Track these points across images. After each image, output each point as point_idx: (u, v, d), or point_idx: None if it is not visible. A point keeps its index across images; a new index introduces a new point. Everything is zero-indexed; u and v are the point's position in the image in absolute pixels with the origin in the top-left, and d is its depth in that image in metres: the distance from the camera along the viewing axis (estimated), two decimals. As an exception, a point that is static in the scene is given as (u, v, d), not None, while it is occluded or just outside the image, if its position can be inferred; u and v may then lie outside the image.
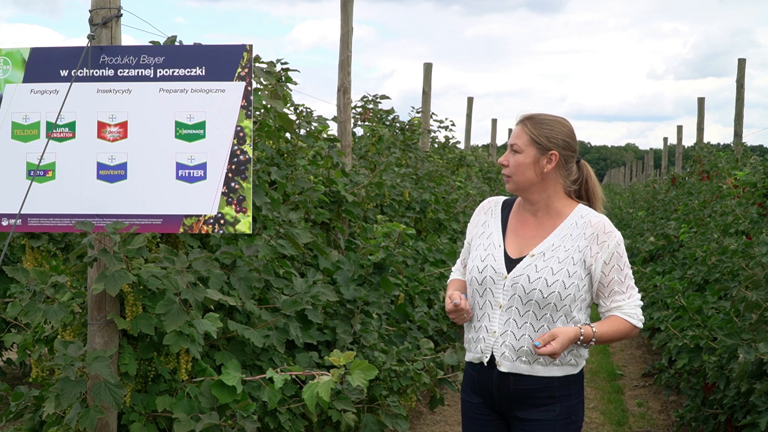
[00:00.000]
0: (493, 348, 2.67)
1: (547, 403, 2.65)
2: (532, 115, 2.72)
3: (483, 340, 2.70)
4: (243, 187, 2.97)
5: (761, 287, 3.91)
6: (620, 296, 2.67)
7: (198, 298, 2.93)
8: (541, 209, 2.74)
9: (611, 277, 2.65)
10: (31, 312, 2.95)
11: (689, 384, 4.87)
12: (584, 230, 2.66)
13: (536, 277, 2.62)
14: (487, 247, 2.75)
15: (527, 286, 2.62)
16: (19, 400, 3.18)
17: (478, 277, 2.72)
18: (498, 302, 2.67)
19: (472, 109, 13.68)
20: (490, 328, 2.68)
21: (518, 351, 2.64)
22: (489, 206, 2.87)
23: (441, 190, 7.94)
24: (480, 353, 2.71)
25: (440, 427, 5.82)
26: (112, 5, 2.95)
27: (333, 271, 4.52)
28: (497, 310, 2.67)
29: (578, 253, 2.64)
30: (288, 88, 4.22)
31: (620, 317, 2.66)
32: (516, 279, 2.65)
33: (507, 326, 2.65)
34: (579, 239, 2.66)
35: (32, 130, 2.99)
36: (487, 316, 2.69)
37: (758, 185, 5.97)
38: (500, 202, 2.87)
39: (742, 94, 9.68)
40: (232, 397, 3.02)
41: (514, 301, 2.64)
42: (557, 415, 2.66)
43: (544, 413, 2.65)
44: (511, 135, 2.77)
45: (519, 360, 2.64)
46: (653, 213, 11.20)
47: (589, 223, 2.67)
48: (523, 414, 2.68)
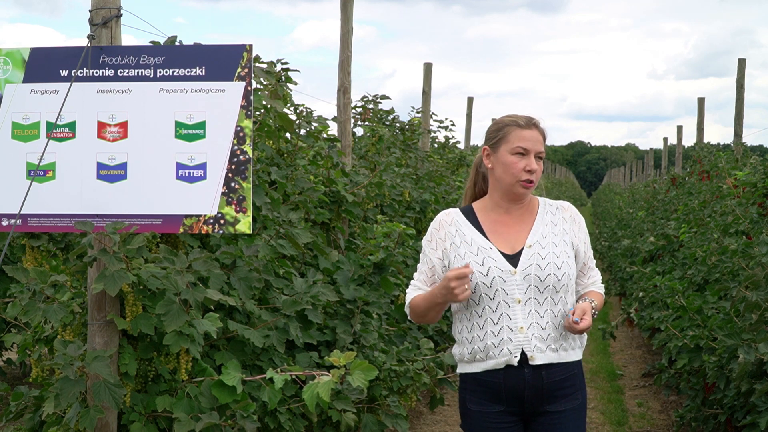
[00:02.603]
0: (523, 344, 2.66)
1: (572, 392, 2.74)
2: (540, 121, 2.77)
3: (509, 340, 2.66)
4: (243, 187, 2.97)
5: (761, 287, 3.91)
6: (593, 272, 2.87)
7: (198, 298, 2.93)
8: (521, 206, 2.79)
9: (588, 255, 2.84)
10: (31, 312, 2.95)
11: (689, 384, 4.87)
12: (561, 215, 2.81)
13: (545, 263, 2.68)
14: (477, 252, 2.72)
15: (541, 274, 2.67)
16: (19, 400, 3.18)
17: (485, 280, 2.67)
18: (515, 298, 2.67)
19: (472, 109, 13.67)
20: (514, 325, 2.66)
21: (546, 340, 2.68)
22: (450, 218, 2.81)
23: (441, 190, 7.94)
24: (508, 354, 2.66)
25: (440, 427, 5.82)
26: (112, 5, 2.95)
27: (333, 271, 4.52)
28: (516, 305, 2.67)
29: (566, 235, 2.78)
30: (288, 88, 4.22)
31: (598, 291, 2.85)
32: (527, 270, 2.67)
33: (531, 318, 2.67)
34: (561, 224, 2.79)
35: (32, 130, 3.00)
36: (506, 315, 2.67)
37: (758, 185, 5.96)
38: (458, 211, 2.83)
39: (742, 94, 9.68)
40: (232, 397, 3.02)
41: (531, 292, 2.67)
42: (580, 403, 2.77)
43: (571, 402, 2.74)
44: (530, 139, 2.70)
45: (549, 349, 2.68)
46: (653, 213, 11.19)
47: (561, 208, 2.83)
48: (553, 407, 2.71)
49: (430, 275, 2.81)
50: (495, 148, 2.75)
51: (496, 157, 2.74)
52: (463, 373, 2.81)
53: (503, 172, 2.73)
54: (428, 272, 2.82)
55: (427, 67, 9.36)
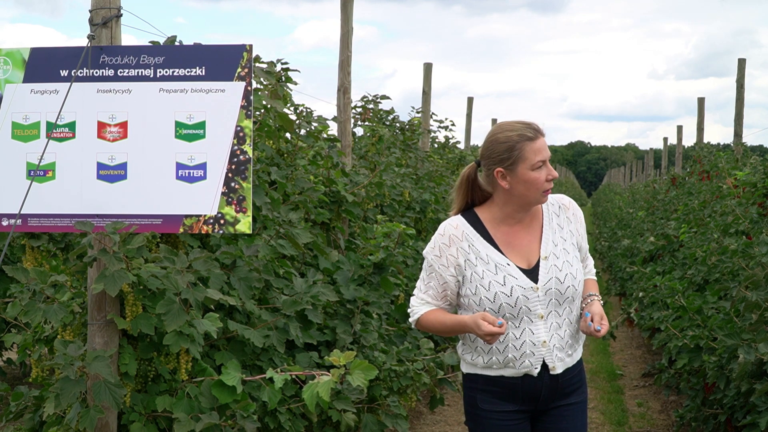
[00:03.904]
0: (545, 356, 2.67)
1: (579, 386, 2.80)
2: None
3: (531, 354, 2.66)
4: (243, 187, 2.97)
5: (761, 287, 3.91)
6: (588, 260, 2.91)
7: (198, 298, 2.93)
8: (530, 214, 2.78)
9: (585, 247, 2.86)
10: (31, 312, 2.95)
11: (689, 384, 4.87)
12: (565, 214, 2.82)
13: (564, 275, 2.69)
14: (496, 270, 2.67)
15: (561, 287, 2.68)
16: (19, 400, 3.19)
17: (509, 301, 2.64)
18: (538, 314, 2.66)
19: (472, 109, 13.68)
20: (537, 340, 2.66)
21: (565, 348, 2.71)
22: (460, 232, 2.72)
23: (441, 190, 7.94)
24: (529, 366, 2.67)
25: (440, 427, 5.82)
26: (112, 5, 2.95)
27: (333, 271, 4.52)
28: (538, 321, 2.67)
29: (572, 237, 2.80)
30: (288, 88, 4.22)
31: (592, 279, 2.90)
32: (548, 285, 2.67)
33: (552, 331, 2.68)
34: (567, 225, 2.80)
35: (32, 130, 3.00)
36: (528, 330, 2.66)
37: (758, 185, 5.96)
38: (465, 223, 2.75)
39: (742, 94, 9.68)
40: (232, 397, 3.02)
41: (552, 306, 2.68)
42: (586, 396, 2.85)
43: (578, 396, 2.80)
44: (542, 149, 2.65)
45: (566, 356, 2.72)
46: (653, 213, 11.19)
47: (564, 207, 2.82)
48: (563, 401, 2.76)
49: (441, 291, 2.74)
50: (512, 168, 2.64)
51: (515, 177, 2.65)
52: (477, 374, 2.76)
53: (527, 190, 2.66)
54: (439, 288, 2.74)
55: (427, 67, 9.37)
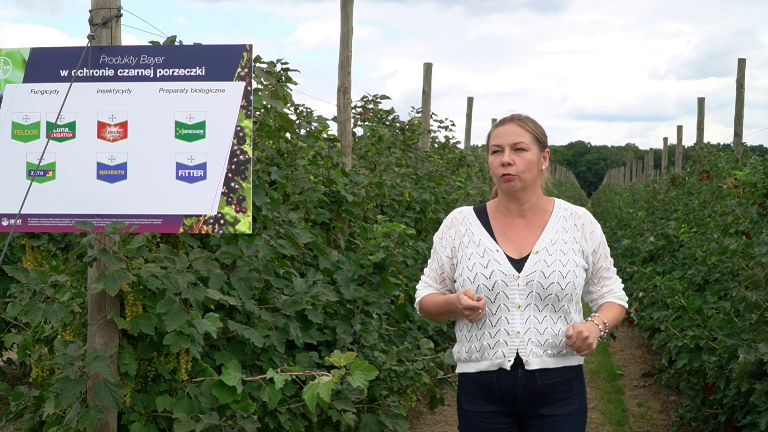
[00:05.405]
0: (519, 348, 2.67)
1: (567, 396, 2.73)
2: (523, 115, 2.78)
3: (504, 343, 2.67)
4: (243, 187, 2.97)
5: (761, 287, 3.91)
6: (609, 281, 2.82)
7: (198, 297, 2.93)
8: (530, 208, 2.78)
9: (600, 265, 2.80)
10: (31, 312, 2.95)
11: (689, 384, 4.87)
12: (574, 222, 2.78)
13: (550, 271, 2.67)
14: (483, 253, 2.72)
15: (544, 282, 2.66)
16: (19, 400, 3.18)
17: (486, 283, 2.68)
18: (515, 303, 2.67)
19: (472, 109, 13.69)
20: (511, 329, 2.67)
21: (544, 345, 2.68)
22: (462, 216, 2.84)
23: (441, 190, 7.94)
24: (502, 357, 2.68)
25: (440, 427, 5.82)
26: (112, 5, 2.95)
27: (333, 271, 4.52)
28: (515, 310, 2.67)
29: (576, 244, 2.75)
30: (288, 88, 4.22)
31: (615, 302, 2.81)
32: (530, 277, 2.67)
33: (528, 324, 2.67)
34: (572, 231, 2.76)
35: (32, 130, 3.00)
36: (504, 319, 2.68)
37: (758, 185, 5.96)
38: (471, 211, 2.86)
39: (742, 94, 9.69)
40: (232, 397, 3.02)
41: (532, 299, 2.67)
42: (577, 408, 2.75)
43: (566, 407, 2.73)
44: (503, 134, 2.73)
45: (545, 354, 2.68)
46: (653, 213, 11.19)
47: (576, 215, 2.80)
48: (546, 410, 2.71)
49: (440, 272, 2.84)
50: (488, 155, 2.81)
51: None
52: (461, 372, 2.83)
53: (492, 175, 2.79)
54: (437, 269, 2.84)
55: (427, 67, 9.37)
